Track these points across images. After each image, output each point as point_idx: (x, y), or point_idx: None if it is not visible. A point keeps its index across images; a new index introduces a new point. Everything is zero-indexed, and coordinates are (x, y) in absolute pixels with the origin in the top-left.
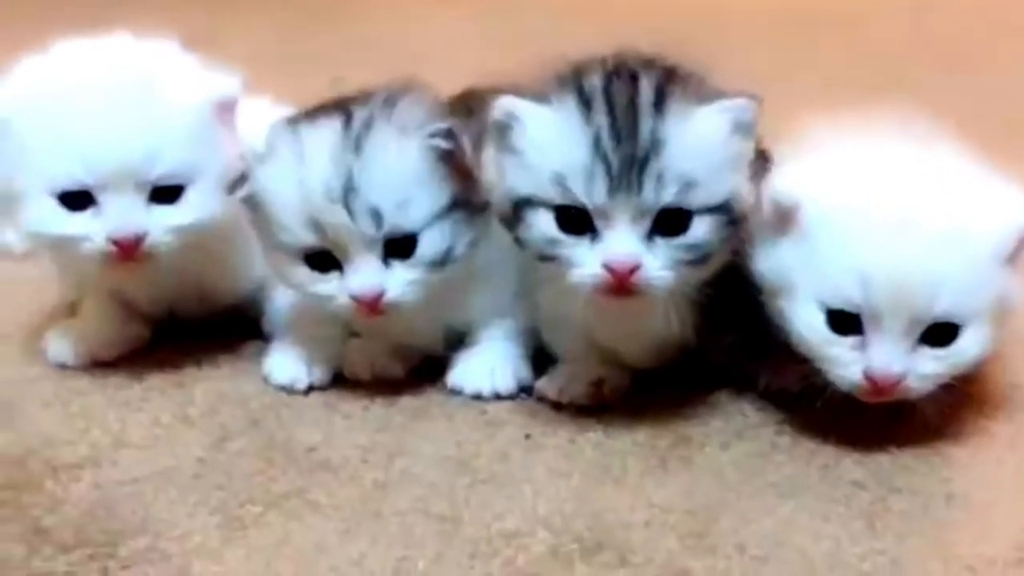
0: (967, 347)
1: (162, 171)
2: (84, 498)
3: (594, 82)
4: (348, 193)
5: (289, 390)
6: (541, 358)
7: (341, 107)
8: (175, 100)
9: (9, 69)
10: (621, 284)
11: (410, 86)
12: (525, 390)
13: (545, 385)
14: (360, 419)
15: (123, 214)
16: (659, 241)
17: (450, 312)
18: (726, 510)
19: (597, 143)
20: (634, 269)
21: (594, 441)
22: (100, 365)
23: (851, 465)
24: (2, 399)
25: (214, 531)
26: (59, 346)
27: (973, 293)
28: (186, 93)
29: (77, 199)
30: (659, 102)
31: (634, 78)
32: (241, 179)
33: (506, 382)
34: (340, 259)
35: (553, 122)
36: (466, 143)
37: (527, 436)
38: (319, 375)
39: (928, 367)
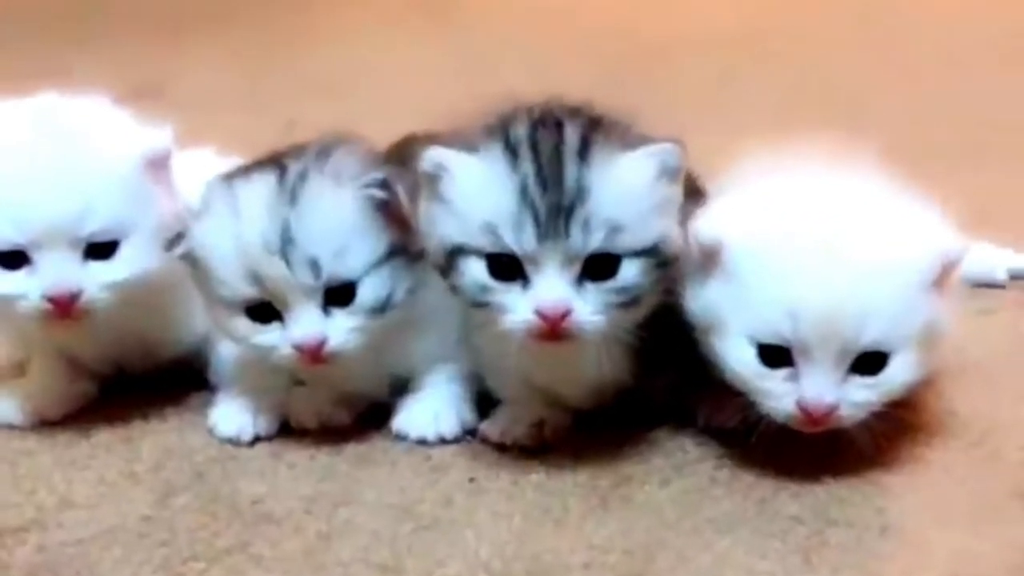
0: (897, 374)
1: (95, 227)
2: (29, 561)
3: (520, 131)
4: (285, 244)
5: (235, 442)
6: (486, 400)
7: (275, 161)
8: (105, 156)
9: None
10: (553, 329)
11: (343, 138)
12: (470, 433)
13: (488, 427)
14: (305, 468)
15: (57, 272)
16: (589, 286)
17: (393, 359)
18: (664, 548)
19: (524, 191)
20: (565, 314)
21: (536, 482)
22: (48, 424)
23: (788, 499)
24: None
25: None
26: (6, 407)
27: (900, 321)
28: (116, 149)
29: (11, 258)
30: (583, 150)
31: (559, 126)
32: (178, 237)
33: (450, 426)
34: (280, 310)
35: (480, 171)
36: (402, 192)
37: (471, 480)
38: (265, 425)
39: (860, 395)
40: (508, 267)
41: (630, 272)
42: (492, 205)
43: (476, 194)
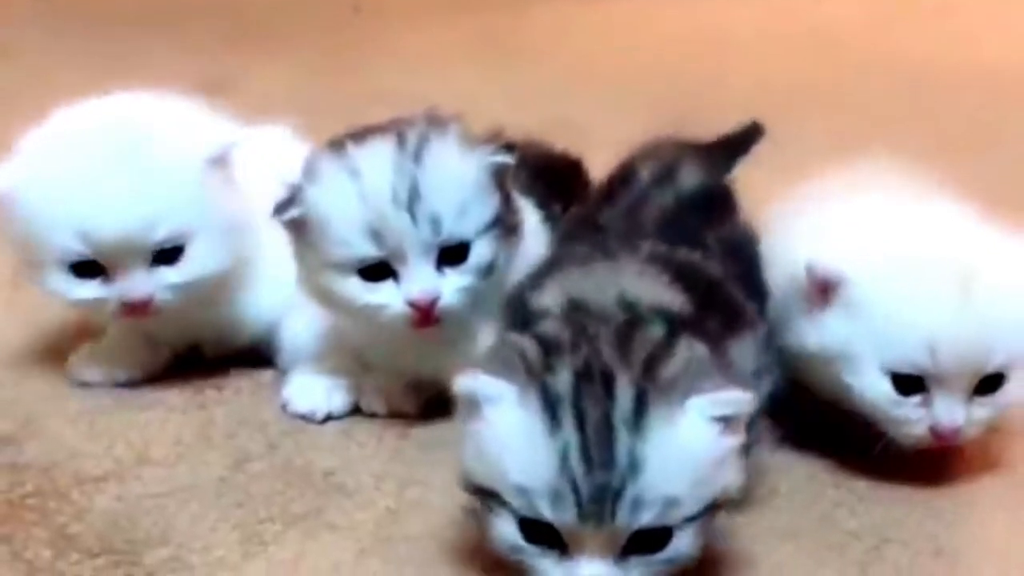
0: (1012, 392)
1: (161, 236)
2: (108, 509)
3: (561, 384)
4: (412, 199)
5: (307, 418)
6: None
7: (386, 129)
8: (169, 165)
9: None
10: None
11: (445, 114)
12: None
13: None
14: (374, 448)
15: (132, 281)
16: (633, 559)
17: (464, 345)
18: (727, 551)
19: (565, 462)
20: None
21: None
22: (123, 386)
23: (846, 515)
24: (29, 413)
25: (235, 546)
26: (83, 367)
27: (1020, 343)
28: (180, 155)
29: (86, 268)
30: (638, 414)
31: (608, 381)
32: (289, 201)
33: None
34: (396, 268)
35: (515, 423)
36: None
37: None
38: (337, 405)
39: (981, 414)
40: (543, 532)
41: (682, 542)
42: (527, 468)
43: (509, 448)
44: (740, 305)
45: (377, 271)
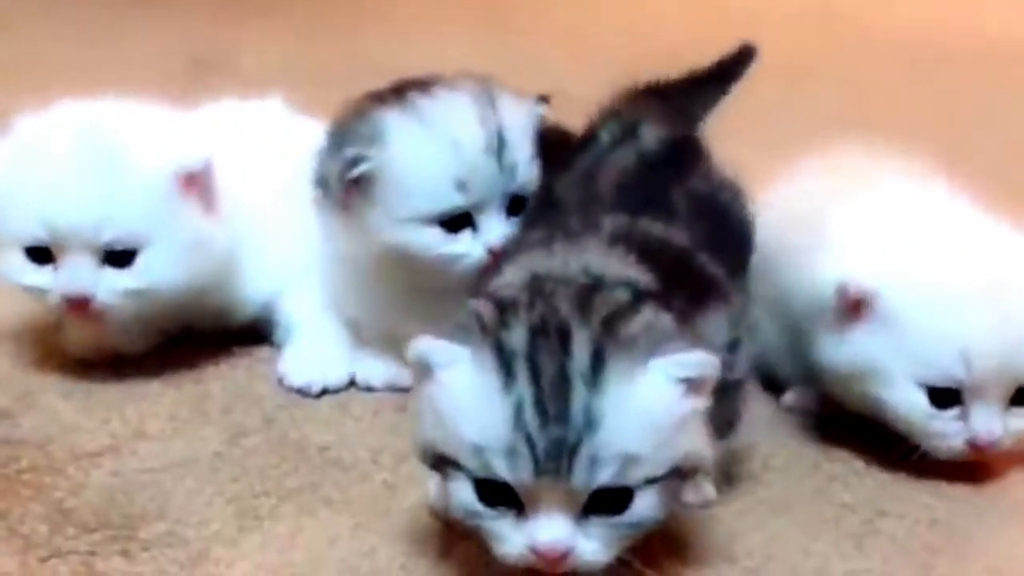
0: None
1: (111, 235)
2: (104, 483)
3: (516, 339)
4: (500, 147)
5: (303, 392)
6: None
7: (429, 85)
8: (134, 169)
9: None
10: (551, 566)
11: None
12: None
13: None
14: (370, 422)
15: (74, 273)
16: (594, 520)
17: None
18: (719, 523)
19: (519, 417)
20: (564, 554)
21: None
22: (119, 361)
23: (840, 488)
24: (25, 388)
25: (231, 520)
26: (79, 340)
27: None
28: (147, 163)
29: (40, 254)
30: (595, 369)
31: (565, 336)
32: (356, 161)
33: None
34: (476, 216)
35: (469, 382)
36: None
37: None
38: (333, 380)
39: (1019, 424)
40: (500, 493)
41: (644, 503)
42: (481, 426)
43: (463, 408)
44: (711, 277)
45: (456, 221)
